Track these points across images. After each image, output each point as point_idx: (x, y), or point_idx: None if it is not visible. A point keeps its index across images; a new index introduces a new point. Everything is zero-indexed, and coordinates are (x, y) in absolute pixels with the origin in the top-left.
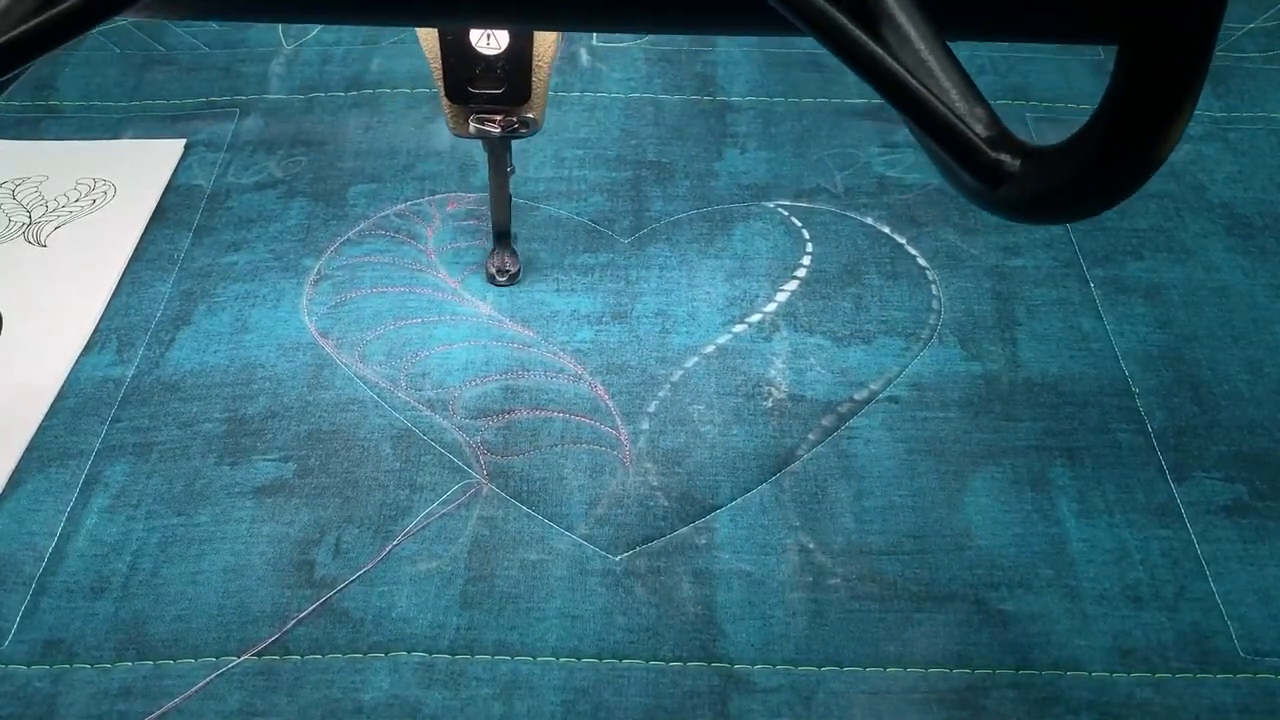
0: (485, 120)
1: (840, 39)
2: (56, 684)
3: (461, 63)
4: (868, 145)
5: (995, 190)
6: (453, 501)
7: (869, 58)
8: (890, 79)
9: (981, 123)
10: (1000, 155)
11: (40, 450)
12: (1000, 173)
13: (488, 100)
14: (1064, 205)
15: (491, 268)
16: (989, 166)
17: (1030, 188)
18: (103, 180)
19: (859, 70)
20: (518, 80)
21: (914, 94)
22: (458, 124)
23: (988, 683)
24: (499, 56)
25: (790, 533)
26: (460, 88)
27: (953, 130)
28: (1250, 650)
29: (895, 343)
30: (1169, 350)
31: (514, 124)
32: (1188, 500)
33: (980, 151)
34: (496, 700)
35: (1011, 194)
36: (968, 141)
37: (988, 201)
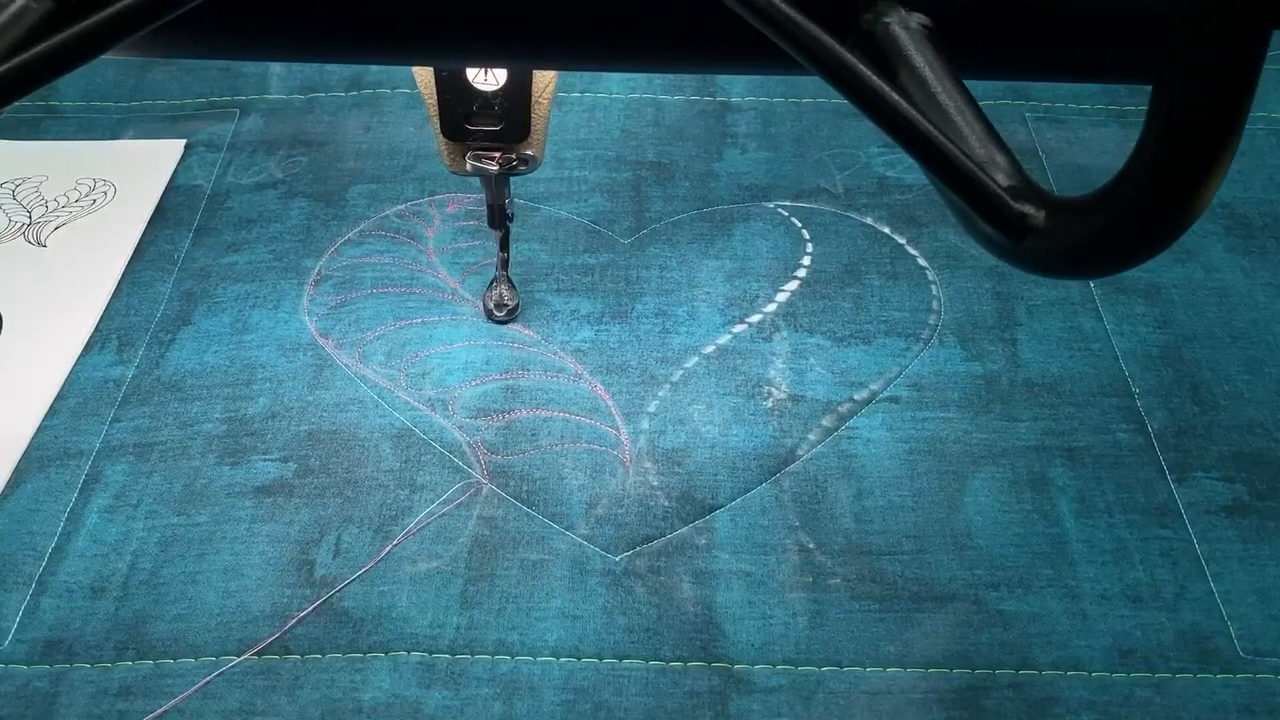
0: (483, 158)
1: (853, 83)
2: (56, 684)
3: (458, 99)
4: (868, 145)
5: (1018, 244)
6: (453, 501)
7: (883, 103)
8: (906, 126)
9: (1003, 171)
10: (1024, 207)
11: (40, 450)
12: (1024, 226)
13: (485, 137)
14: (1092, 261)
15: (490, 302)
16: (1012, 219)
17: (1056, 242)
18: (103, 180)
19: (872, 116)
20: (517, 117)
21: (931, 141)
22: (454, 162)
23: (988, 683)
24: (497, 93)
25: (790, 533)
26: (457, 125)
27: (972, 180)
28: (1250, 650)
29: (895, 343)
30: (1169, 350)
31: (512, 161)
32: (1187, 500)
33: (1002, 203)
34: (496, 700)
35: (1036, 248)
36: (989, 192)
37: (1010, 255)
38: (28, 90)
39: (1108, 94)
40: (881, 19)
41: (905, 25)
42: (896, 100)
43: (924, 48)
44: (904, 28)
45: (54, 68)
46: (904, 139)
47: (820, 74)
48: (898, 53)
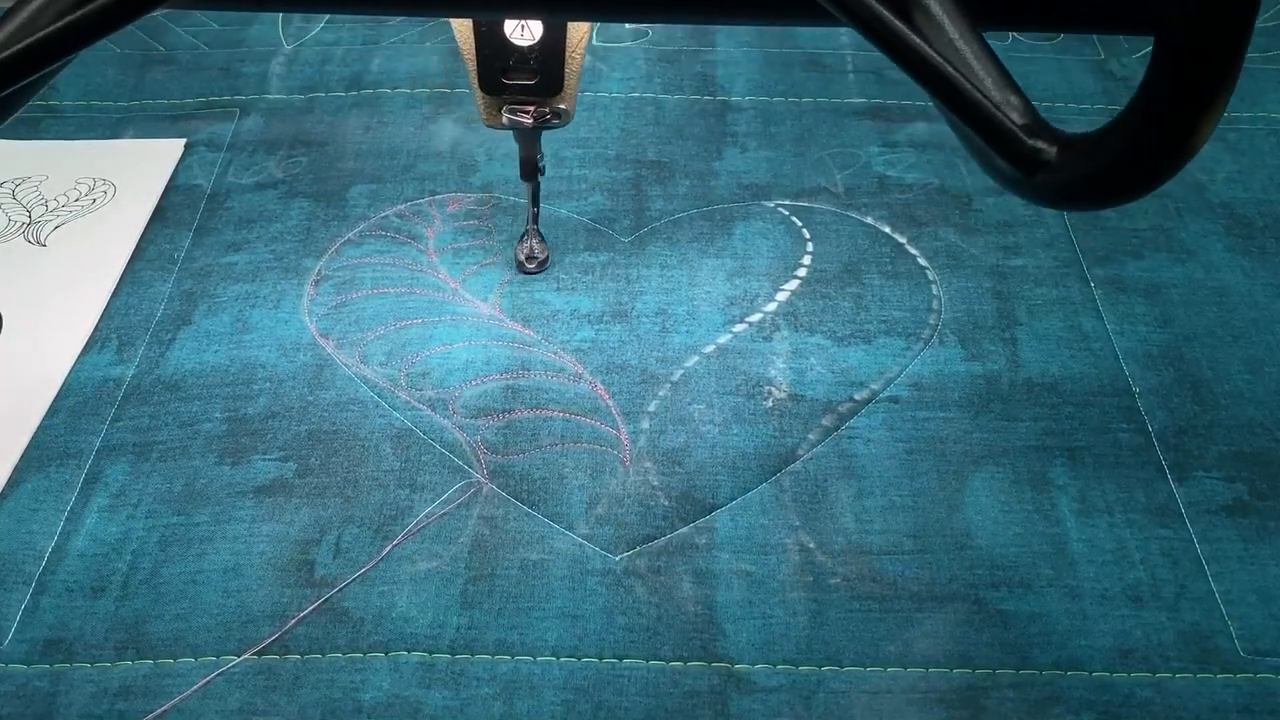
0: (518, 111)
1: (876, 25)
2: (56, 683)
3: (495, 54)
4: (868, 145)
5: (1032, 177)
6: (453, 501)
7: (905, 45)
8: (927, 66)
9: (1017, 111)
10: (1037, 143)
11: (40, 450)
12: (1037, 160)
13: (520, 91)
14: (1100, 191)
15: (521, 254)
16: (1026, 154)
17: (1067, 175)
18: (103, 180)
19: (895, 57)
20: (551, 71)
21: (950, 81)
22: (490, 115)
23: (988, 683)
24: (533, 48)
25: (790, 532)
26: (494, 79)
27: (989, 117)
28: (1250, 650)
29: (895, 342)
30: (1169, 350)
31: (546, 115)
32: (1188, 500)
33: (1017, 139)
34: (497, 700)
35: (1048, 181)
36: (1004, 129)
37: (1024, 188)
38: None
39: (1106, 94)
40: None
41: None
42: (918, 42)
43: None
44: None
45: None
46: (925, 79)
47: (843, 16)
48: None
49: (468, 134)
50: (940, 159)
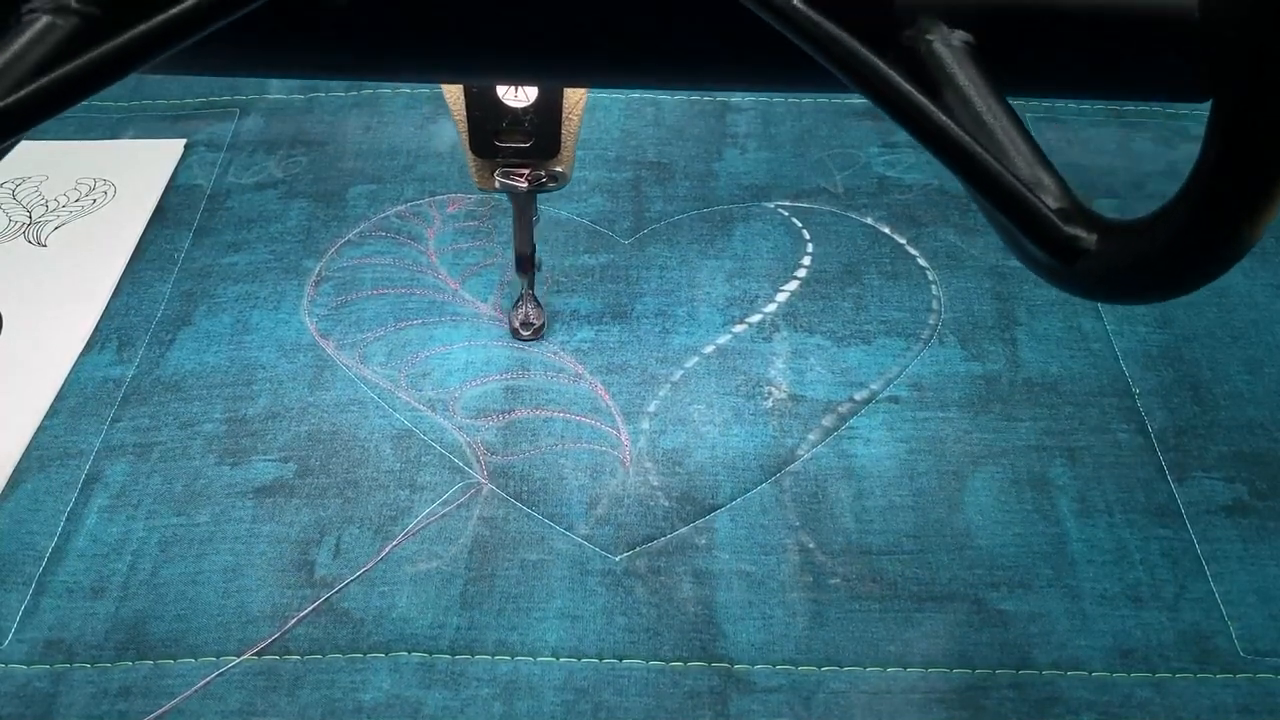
0: (512, 175)
1: (897, 101)
2: (56, 684)
3: (487, 116)
4: (868, 145)
5: (1070, 267)
6: (453, 501)
7: (928, 122)
8: (952, 145)
9: (1051, 194)
10: (1074, 230)
11: (40, 450)
12: (1075, 249)
13: (514, 154)
14: (1146, 285)
15: (515, 320)
16: (1063, 242)
17: (1109, 265)
18: (103, 180)
19: (918, 135)
20: (547, 133)
21: (978, 161)
22: (482, 178)
23: (988, 683)
24: (528, 109)
25: (790, 533)
26: (486, 141)
27: (1022, 202)
28: (1250, 650)
29: (895, 343)
30: (1169, 350)
31: (542, 178)
32: (1188, 500)
33: (1052, 226)
34: (497, 700)
35: (1088, 272)
36: (1039, 215)
37: (1061, 279)
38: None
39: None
40: (924, 36)
41: (948, 43)
42: (942, 119)
43: (967, 66)
44: (947, 45)
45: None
46: (950, 159)
47: (863, 92)
48: (941, 71)
49: None
50: None
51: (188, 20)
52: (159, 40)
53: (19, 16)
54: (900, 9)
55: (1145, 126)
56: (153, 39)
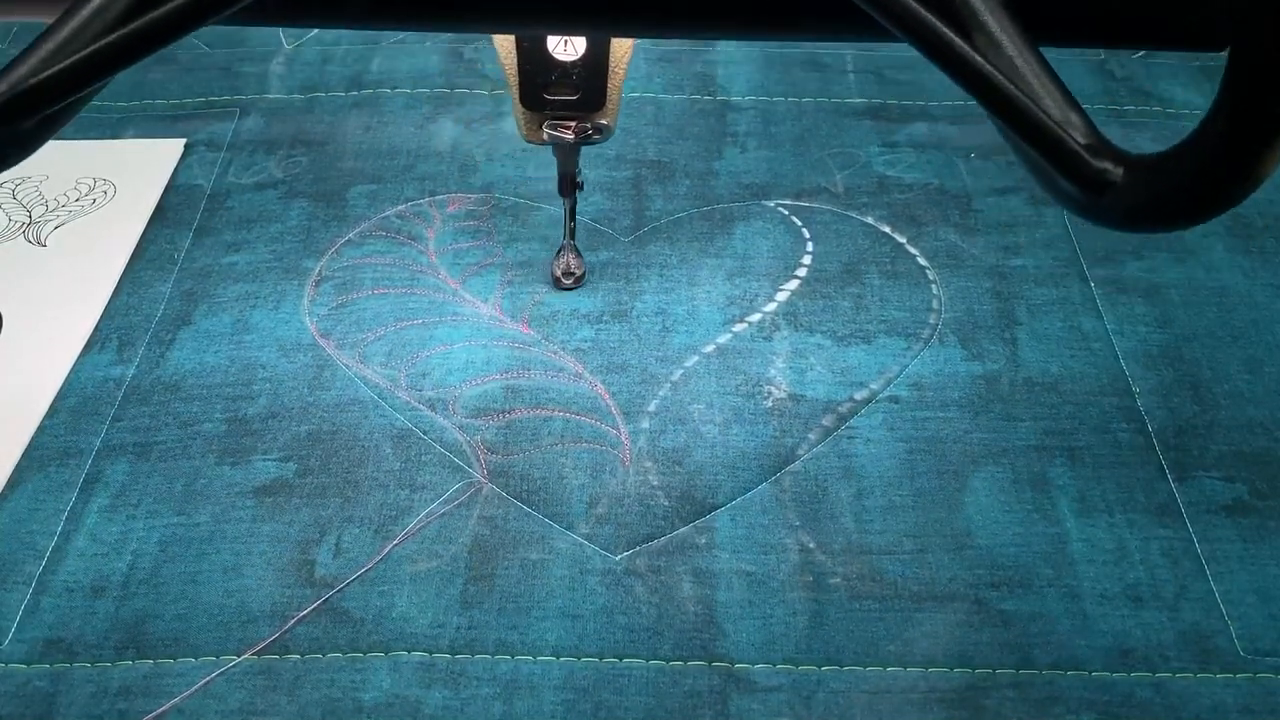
0: (559, 127)
1: (936, 43)
2: (56, 683)
3: (538, 70)
4: (868, 145)
5: (1098, 199)
6: (453, 501)
7: (965, 63)
8: (988, 85)
9: (1080, 130)
10: (1103, 164)
11: (40, 450)
12: (1103, 181)
13: (562, 107)
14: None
15: (557, 269)
16: (1092, 175)
17: (1134, 195)
18: (103, 180)
19: (955, 75)
20: (594, 87)
21: (1013, 100)
22: (531, 131)
23: (988, 682)
24: (575, 63)
25: (790, 532)
26: (536, 95)
27: (1054, 138)
28: (1250, 650)
29: (895, 342)
30: (1169, 350)
31: (588, 130)
32: (1188, 500)
33: (1082, 160)
34: (497, 699)
35: (1115, 203)
36: (1069, 150)
37: (1089, 209)
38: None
39: (1107, 93)
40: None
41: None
42: (980, 61)
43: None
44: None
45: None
46: (986, 98)
47: (903, 34)
48: (973, 17)
49: (468, 134)
50: (940, 159)
51: None
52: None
53: None
54: None
55: (1145, 126)
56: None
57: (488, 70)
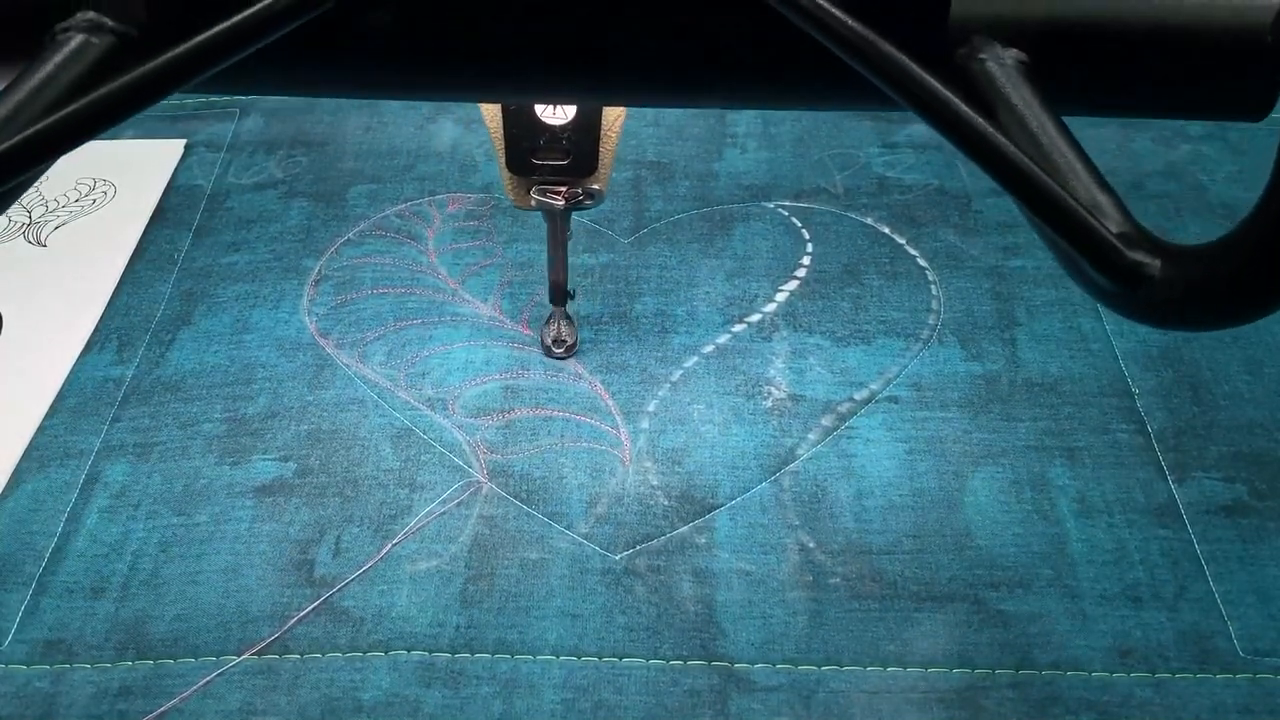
0: (548, 192)
1: (953, 122)
2: (56, 684)
3: (525, 134)
4: (868, 145)
5: (1133, 293)
6: (453, 500)
7: (985, 144)
8: (1010, 168)
9: (1112, 218)
10: (1138, 255)
11: (40, 450)
12: (1139, 275)
13: (551, 172)
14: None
15: (547, 338)
16: (1126, 268)
17: (1174, 291)
18: (103, 180)
19: (976, 157)
20: (585, 151)
21: (1037, 185)
22: (518, 196)
23: (988, 683)
24: (565, 127)
25: (790, 532)
26: (523, 159)
27: (1084, 227)
28: (1250, 650)
29: (895, 343)
30: (1169, 350)
31: (579, 196)
32: (1187, 500)
33: (1115, 251)
34: (496, 699)
35: (1152, 298)
36: (1101, 239)
37: (1122, 305)
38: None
39: None
40: (977, 55)
41: (1001, 62)
42: (1002, 141)
43: (1021, 86)
44: (999, 64)
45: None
46: (1009, 182)
47: (919, 112)
48: (995, 91)
49: (468, 134)
50: (940, 160)
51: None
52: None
53: (53, 36)
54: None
55: (1145, 127)
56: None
57: None
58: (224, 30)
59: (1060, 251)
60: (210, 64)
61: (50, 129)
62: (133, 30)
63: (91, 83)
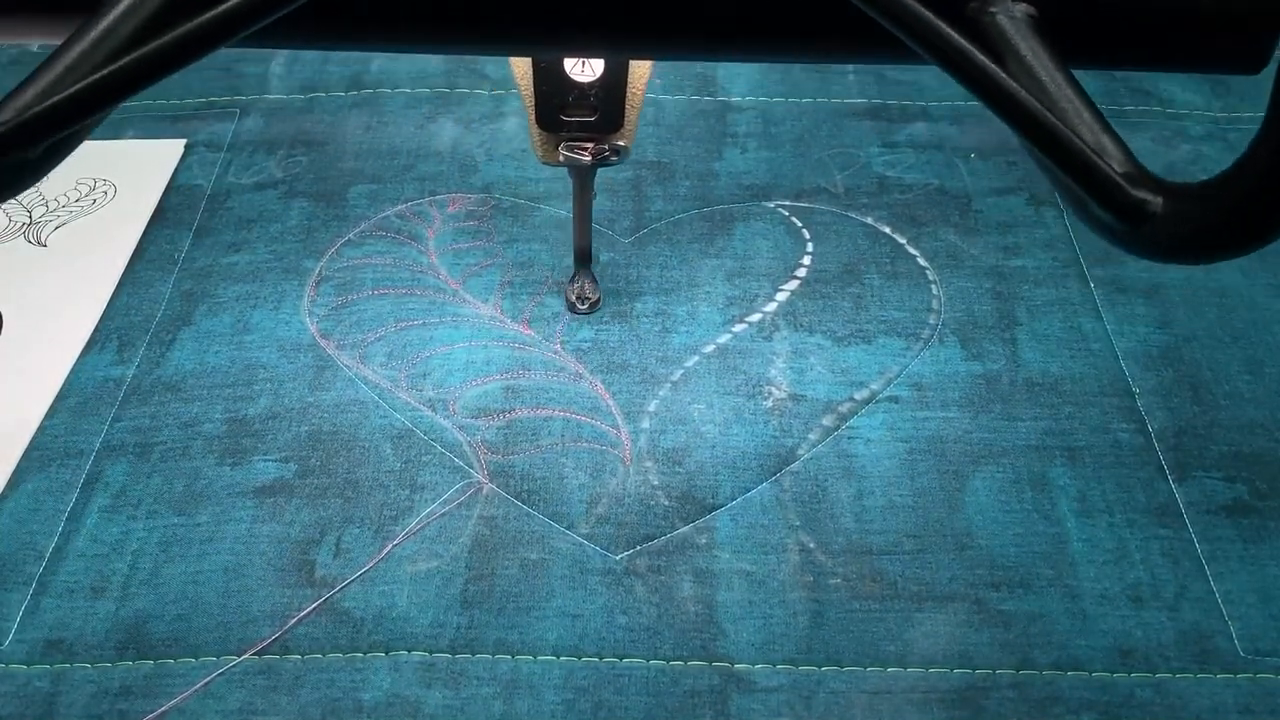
0: (576, 148)
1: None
2: (56, 684)
3: (555, 90)
4: (868, 145)
5: (1137, 230)
6: (453, 501)
7: (998, 87)
8: (1022, 111)
9: (1117, 159)
10: (1142, 193)
11: (40, 450)
12: (1143, 212)
13: (579, 128)
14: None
15: (571, 294)
16: (1131, 205)
17: (1176, 226)
18: (103, 180)
19: (987, 99)
20: (612, 108)
21: (1047, 127)
22: (547, 152)
23: (988, 683)
24: (593, 84)
25: (790, 532)
26: (552, 115)
27: (1090, 166)
28: (1250, 650)
29: (895, 342)
30: (1169, 350)
31: (605, 152)
32: (1188, 500)
33: (1120, 189)
34: (497, 699)
35: (1156, 234)
36: (1106, 178)
37: (1129, 241)
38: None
39: (1108, 94)
40: (987, 8)
41: (1010, 15)
42: (1013, 86)
43: (1030, 37)
44: (1009, 17)
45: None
46: (1019, 124)
47: (935, 59)
48: (1005, 42)
49: (468, 134)
50: (940, 159)
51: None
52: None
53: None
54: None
55: (1145, 126)
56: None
57: (488, 70)
58: None
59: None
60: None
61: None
62: None
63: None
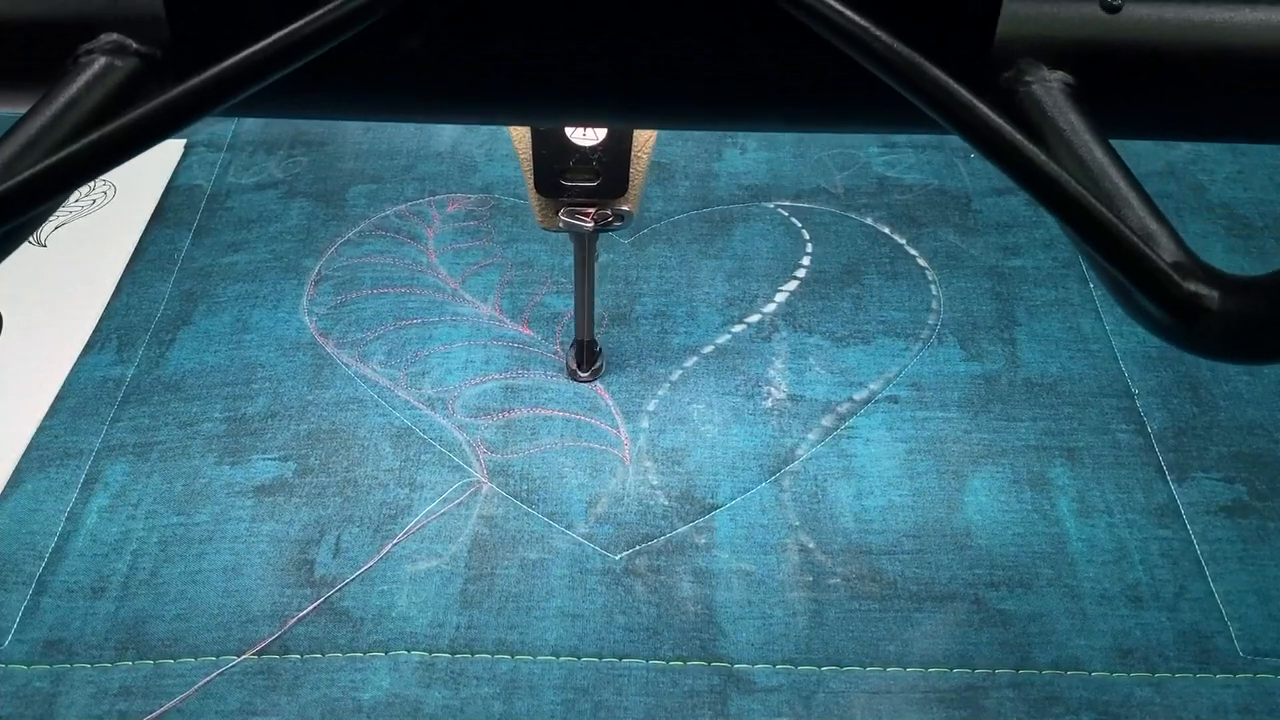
0: (577, 214)
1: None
2: (56, 683)
3: (555, 155)
4: (868, 145)
5: (1190, 326)
6: (452, 500)
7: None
8: (1065, 197)
9: (1165, 247)
10: (1194, 286)
11: (40, 450)
12: (1196, 307)
13: (581, 193)
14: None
15: (573, 361)
16: (1182, 300)
17: (1232, 324)
18: (103, 180)
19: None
20: (615, 172)
21: (1090, 212)
22: (545, 217)
23: (988, 682)
24: (595, 148)
25: (790, 532)
26: (552, 180)
27: (1136, 255)
28: (1250, 650)
29: (895, 343)
30: (1169, 350)
31: (608, 217)
32: (1187, 500)
33: (1170, 281)
34: (496, 699)
35: (1209, 331)
36: (1156, 269)
37: (1179, 338)
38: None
39: None
40: (1023, 78)
41: (1047, 85)
42: (1054, 169)
43: (1069, 109)
44: (1046, 88)
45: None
46: (1061, 210)
47: (966, 138)
48: (1041, 115)
49: (468, 134)
50: (940, 159)
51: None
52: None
53: (75, 59)
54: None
55: None
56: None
57: None
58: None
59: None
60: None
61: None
62: (157, 52)
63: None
